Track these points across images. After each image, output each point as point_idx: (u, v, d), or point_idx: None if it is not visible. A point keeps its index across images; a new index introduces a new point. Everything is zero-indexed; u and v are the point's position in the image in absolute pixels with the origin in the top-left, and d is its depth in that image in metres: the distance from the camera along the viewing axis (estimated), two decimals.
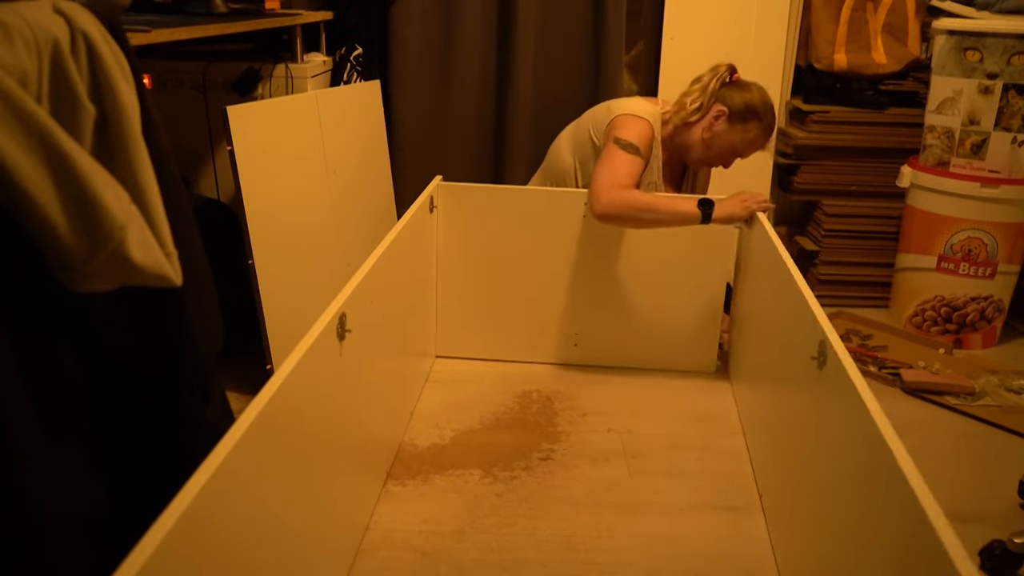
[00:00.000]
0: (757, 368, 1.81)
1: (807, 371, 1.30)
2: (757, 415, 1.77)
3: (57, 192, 0.85)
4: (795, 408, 1.43)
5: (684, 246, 2.00)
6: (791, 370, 1.46)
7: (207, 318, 1.24)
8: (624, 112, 1.96)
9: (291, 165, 2.03)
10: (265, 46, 2.24)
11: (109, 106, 0.94)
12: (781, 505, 1.48)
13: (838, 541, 1.13)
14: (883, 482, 0.95)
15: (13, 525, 0.90)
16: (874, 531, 0.98)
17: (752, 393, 1.84)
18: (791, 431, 1.45)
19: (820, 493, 1.23)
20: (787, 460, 1.46)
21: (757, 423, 1.76)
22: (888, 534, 0.93)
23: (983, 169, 2.36)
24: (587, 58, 2.63)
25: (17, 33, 0.86)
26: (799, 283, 1.46)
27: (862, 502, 1.03)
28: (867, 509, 1.01)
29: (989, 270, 2.42)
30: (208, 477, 0.82)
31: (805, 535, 1.29)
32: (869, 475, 1.00)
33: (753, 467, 1.69)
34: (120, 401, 1.11)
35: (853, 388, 1.08)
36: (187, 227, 1.16)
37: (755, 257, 1.90)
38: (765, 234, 1.80)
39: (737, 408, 1.94)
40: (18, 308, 0.92)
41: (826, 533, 1.19)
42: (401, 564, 1.38)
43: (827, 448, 1.20)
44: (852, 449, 1.09)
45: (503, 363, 2.12)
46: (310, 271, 2.09)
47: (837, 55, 2.66)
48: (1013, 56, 2.26)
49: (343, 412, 1.32)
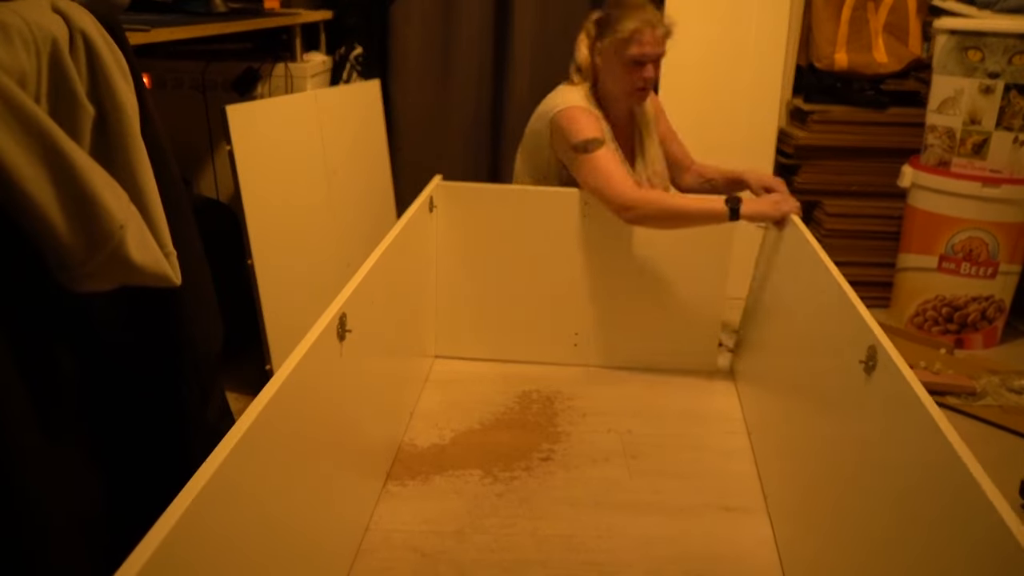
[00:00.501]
0: (776, 369, 1.78)
1: (850, 376, 1.26)
2: (769, 416, 1.75)
3: (56, 192, 0.85)
4: (827, 412, 1.39)
5: (684, 246, 2.00)
6: (827, 374, 1.42)
7: (206, 318, 1.24)
8: (556, 110, 1.93)
9: (291, 165, 2.03)
10: (264, 45, 2.24)
11: (108, 106, 0.94)
12: (789, 507, 1.46)
13: (865, 549, 1.10)
14: (950, 494, 0.90)
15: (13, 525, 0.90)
16: (932, 543, 0.94)
17: (765, 394, 1.82)
18: (817, 434, 1.41)
19: (849, 499, 1.19)
20: (802, 462, 1.44)
21: (768, 423, 1.74)
22: (956, 548, 0.89)
23: (984, 169, 2.36)
24: None
25: (16, 32, 0.85)
26: (842, 284, 1.41)
27: (916, 511, 0.98)
28: (923, 520, 0.96)
29: (990, 270, 2.42)
30: (208, 477, 0.81)
31: (818, 538, 1.28)
32: (930, 486, 0.96)
33: (758, 468, 1.69)
34: (120, 401, 1.11)
35: (913, 397, 1.03)
36: (186, 227, 1.16)
37: (782, 257, 1.86)
38: (798, 233, 1.76)
39: (742, 408, 1.94)
40: (17, 308, 0.92)
41: (847, 539, 1.16)
42: (401, 564, 1.38)
43: (869, 455, 1.16)
44: (903, 458, 1.04)
45: (503, 363, 2.12)
46: (310, 271, 2.09)
47: (838, 54, 2.65)
48: (1014, 56, 2.26)
49: (343, 412, 1.31)
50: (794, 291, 1.75)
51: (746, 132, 2.64)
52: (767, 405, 1.78)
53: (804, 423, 1.50)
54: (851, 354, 1.26)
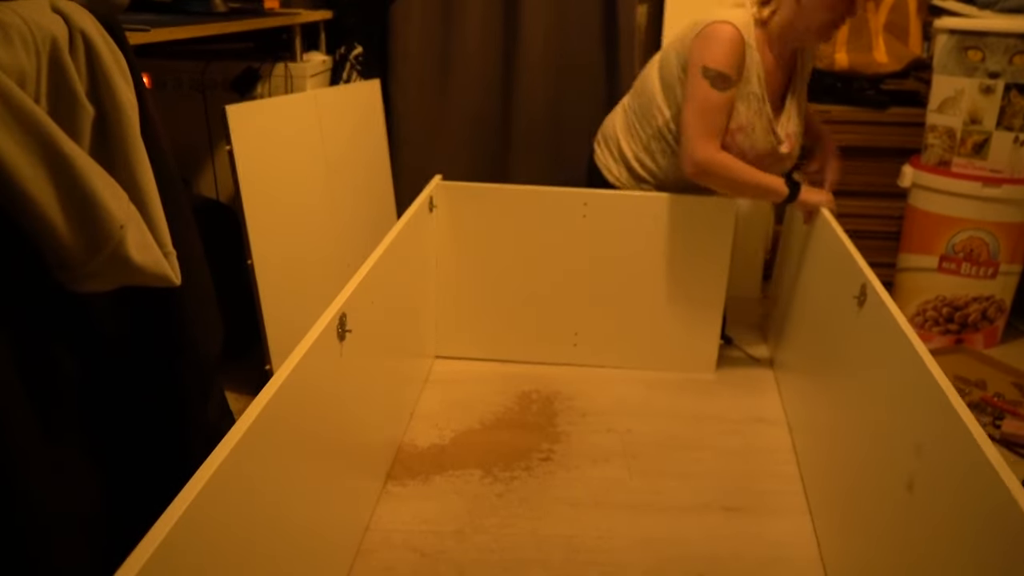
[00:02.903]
0: (814, 364, 1.77)
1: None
2: (807, 413, 1.75)
3: (56, 192, 0.85)
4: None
5: (684, 246, 2.00)
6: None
7: (206, 318, 1.24)
8: (711, 21, 1.77)
9: (291, 165, 2.02)
10: (264, 45, 2.24)
11: (108, 106, 0.94)
12: (830, 508, 1.46)
13: (878, 545, 1.10)
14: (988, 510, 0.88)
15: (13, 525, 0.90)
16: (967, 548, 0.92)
17: (807, 387, 1.80)
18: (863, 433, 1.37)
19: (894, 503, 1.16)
20: (844, 458, 1.43)
21: (808, 421, 1.73)
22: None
23: (985, 169, 2.36)
24: (591, 56, 2.62)
25: (16, 32, 0.85)
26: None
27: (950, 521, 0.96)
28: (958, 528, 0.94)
29: (991, 270, 2.42)
30: (208, 477, 0.81)
31: (859, 539, 1.27)
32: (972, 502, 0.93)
33: (800, 468, 1.68)
34: (120, 401, 1.10)
35: (954, 414, 0.99)
36: (186, 227, 1.16)
37: (819, 256, 1.85)
38: (831, 229, 1.74)
39: (783, 404, 1.94)
40: (17, 308, 0.92)
41: (859, 536, 1.16)
42: (401, 564, 1.38)
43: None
44: (950, 471, 1.01)
45: (503, 363, 2.12)
46: (310, 271, 2.09)
47: (838, 54, 2.65)
48: (1015, 55, 2.25)
49: (343, 412, 1.31)
50: (829, 290, 1.72)
51: None
52: (809, 400, 1.77)
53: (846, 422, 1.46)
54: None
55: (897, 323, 1.26)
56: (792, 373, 1.96)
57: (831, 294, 1.67)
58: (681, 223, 1.99)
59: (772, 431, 1.85)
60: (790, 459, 1.74)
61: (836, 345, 1.59)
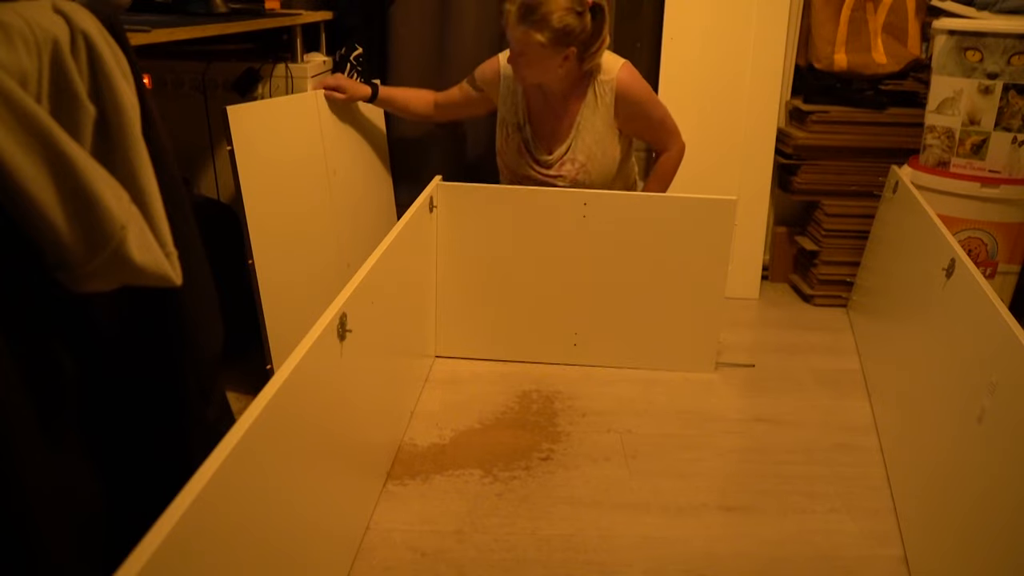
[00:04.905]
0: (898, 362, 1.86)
1: None
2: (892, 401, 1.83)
3: (57, 192, 0.85)
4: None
5: (684, 247, 2.00)
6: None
7: (207, 318, 1.24)
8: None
9: (291, 165, 2.03)
10: (265, 46, 2.24)
11: (109, 106, 0.94)
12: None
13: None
14: None
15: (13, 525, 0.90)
16: None
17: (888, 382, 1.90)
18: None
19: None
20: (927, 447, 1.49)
21: (890, 386, 1.86)
22: None
23: (983, 169, 2.36)
24: None
25: (17, 33, 0.85)
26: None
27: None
28: None
29: (989, 270, 2.42)
30: (208, 477, 0.81)
31: (948, 542, 1.29)
32: None
33: (885, 468, 1.69)
34: (120, 402, 1.11)
35: None
36: (187, 227, 1.16)
37: (910, 236, 2.05)
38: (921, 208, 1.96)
39: (861, 365, 2.08)
40: (17, 308, 0.92)
41: (977, 540, 1.18)
42: (401, 564, 1.38)
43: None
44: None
45: (503, 363, 2.12)
46: (310, 271, 2.09)
47: (837, 55, 2.65)
48: (1013, 56, 2.26)
49: (343, 412, 1.31)
50: (904, 284, 1.92)
51: (745, 132, 2.64)
52: (890, 362, 1.91)
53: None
54: None
55: (983, 291, 1.37)
56: (876, 341, 2.09)
57: (921, 268, 1.83)
58: (681, 223, 1.99)
59: (772, 430, 1.85)
60: (790, 459, 1.74)
61: (925, 313, 1.74)
